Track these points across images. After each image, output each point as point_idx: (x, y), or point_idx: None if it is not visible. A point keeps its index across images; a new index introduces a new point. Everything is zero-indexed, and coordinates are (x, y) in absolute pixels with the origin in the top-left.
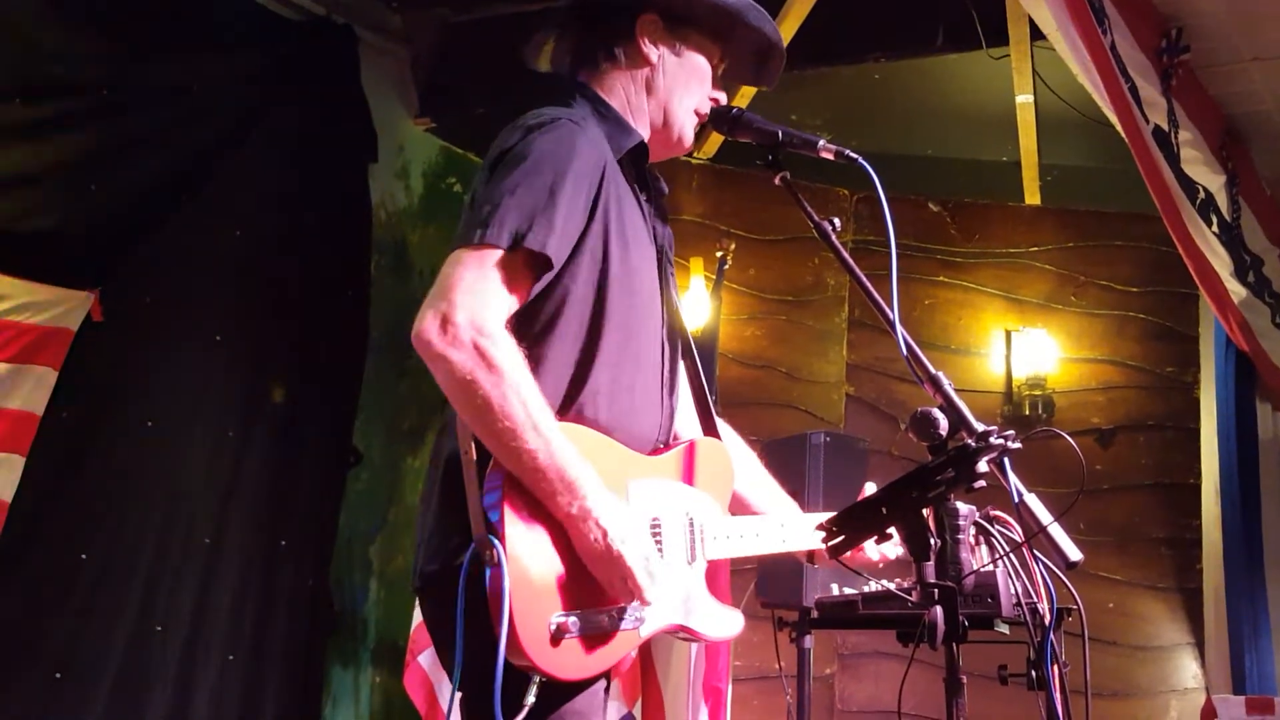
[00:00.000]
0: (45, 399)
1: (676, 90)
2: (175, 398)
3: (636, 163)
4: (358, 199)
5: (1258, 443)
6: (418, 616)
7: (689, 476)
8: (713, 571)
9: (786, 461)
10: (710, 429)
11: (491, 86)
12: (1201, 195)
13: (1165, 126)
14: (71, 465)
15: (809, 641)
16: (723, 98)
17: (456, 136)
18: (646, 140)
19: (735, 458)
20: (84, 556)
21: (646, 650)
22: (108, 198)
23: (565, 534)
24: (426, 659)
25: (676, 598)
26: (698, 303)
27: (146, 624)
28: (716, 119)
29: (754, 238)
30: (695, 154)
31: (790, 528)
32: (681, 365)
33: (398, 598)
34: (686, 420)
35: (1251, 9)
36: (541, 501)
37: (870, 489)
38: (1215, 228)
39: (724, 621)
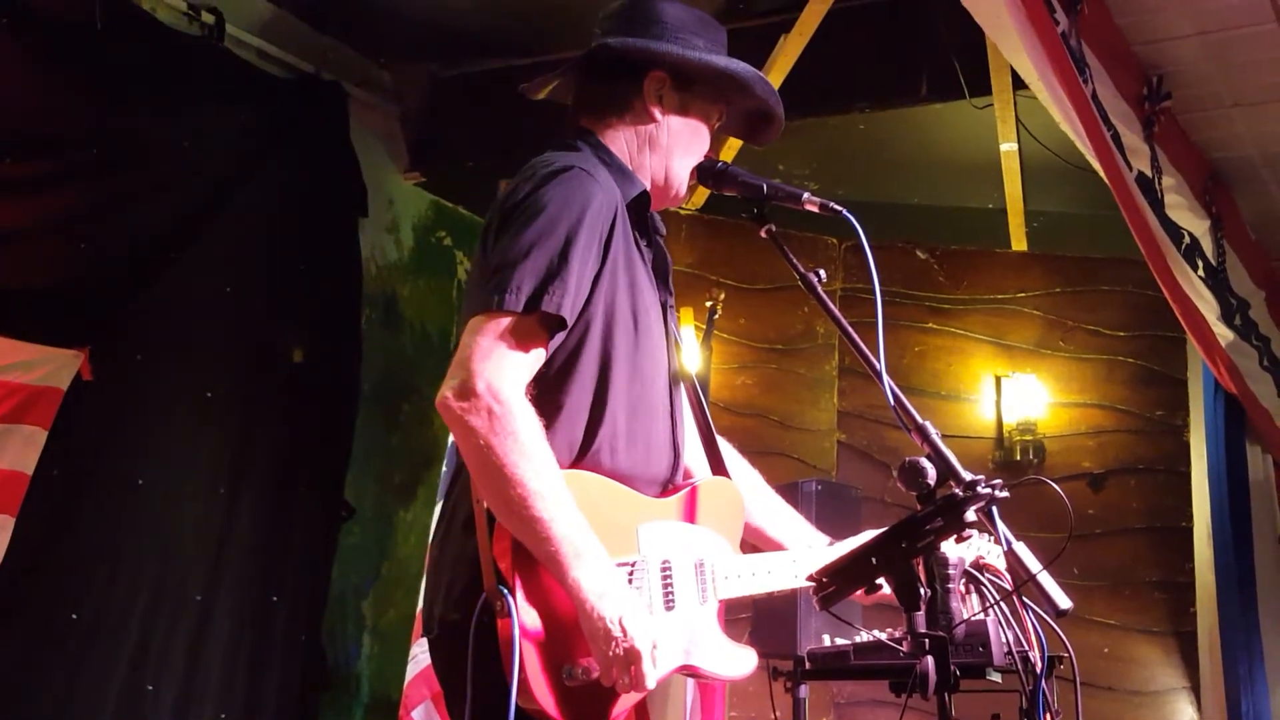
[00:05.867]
0: (35, 458)
1: (678, 149)
2: (165, 455)
3: (639, 211)
4: (348, 253)
5: (1248, 485)
6: (411, 671)
7: (699, 517)
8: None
9: None
10: (719, 468)
11: (480, 140)
12: (1186, 240)
13: (1149, 173)
14: (62, 524)
15: (804, 691)
16: (715, 157)
17: (446, 190)
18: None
19: (747, 491)
20: (75, 616)
21: (642, 700)
22: (97, 256)
23: None
24: (420, 714)
25: (687, 639)
26: (689, 352)
27: (138, 683)
28: (702, 173)
29: (744, 287)
30: (684, 205)
31: (803, 563)
32: (687, 406)
33: (391, 651)
34: (695, 460)
35: (1231, 56)
36: (547, 568)
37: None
38: (1201, 272)
39: (737, 660)
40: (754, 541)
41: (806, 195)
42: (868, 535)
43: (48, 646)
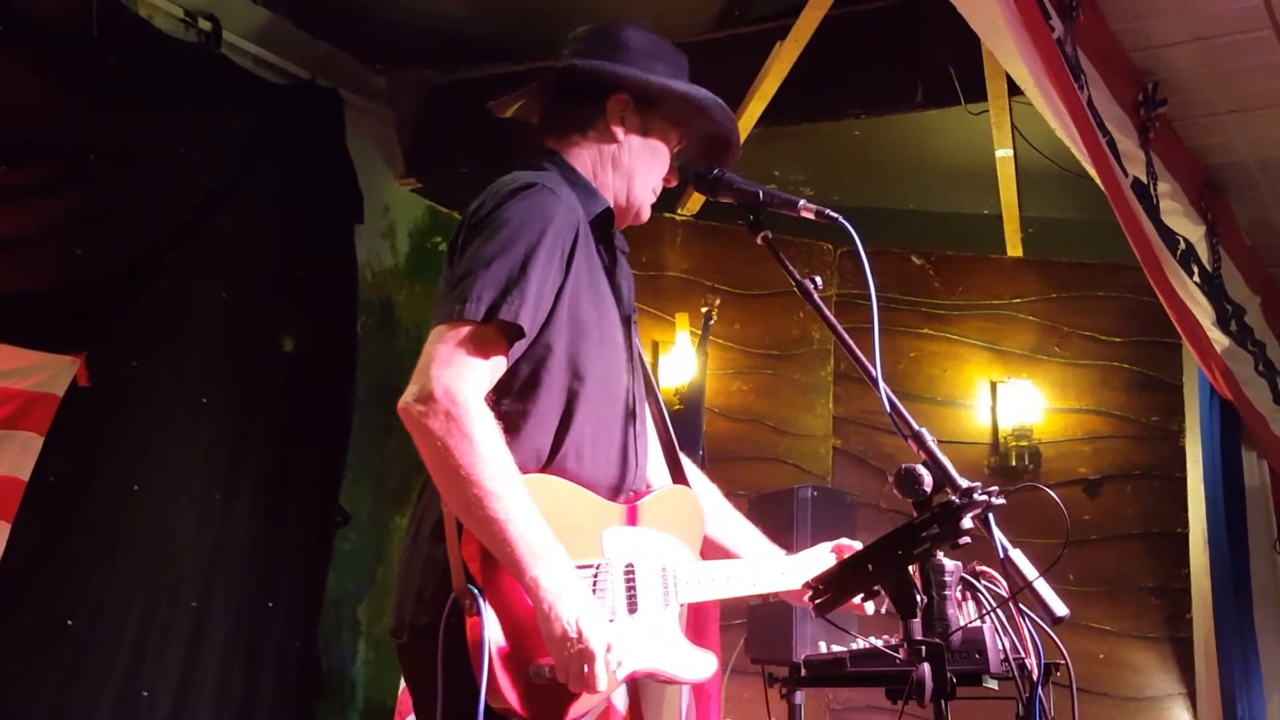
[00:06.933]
0: (31, 465)
1: (639, 169)
2: (162, 461)
3: (603, 228)
4: (344, 259)
5: (1244, 490)
6: None
7: (660, 523)
8: (693, 617)
9: (774, 516)
10: (679, 477)
11: (475, 146)
12: (1182, 246)
13: (1144, 179)
14: (58, 530)
15: (799, 697)
16: (675, 179)
17: (442, 196)
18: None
19: (706, 503)
20: (70, 622)
21: (637, 704)
22: (93, 262)
23: None
24: None
25: (650, 642)
26: (684, 358)
27: (133, 689)
28: (698, 180)
29: (739, 293)
30: (679, 210)
31: (760, 570)
32: (649, 416)
33: (386, 658)
34: (656, 469)
35: (1226, 63)
36: (506, 568)
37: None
38: (1196, 278)
39: (697, 663)
40: (710, 555)
41: (802, 202)
42: (824, 546)
43: (43, 652)
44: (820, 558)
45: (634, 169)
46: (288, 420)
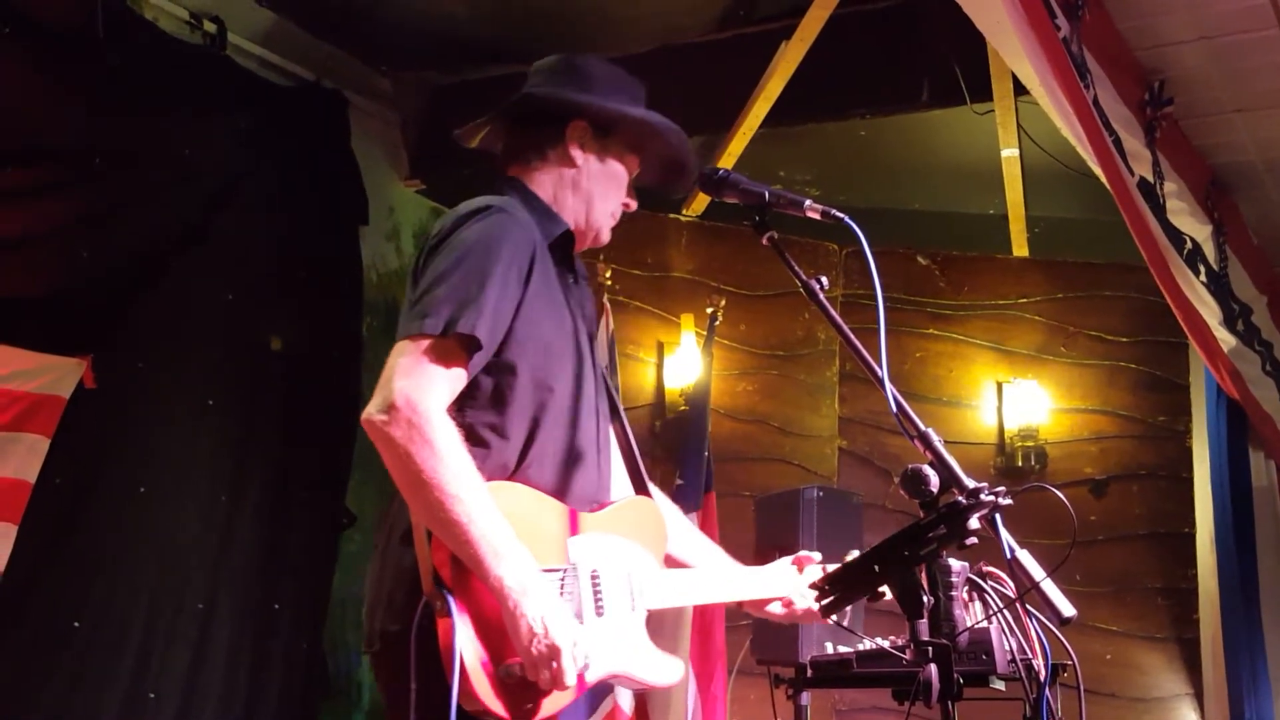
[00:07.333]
0: (37, 467)
1: (597, 193)
2: (167, 463)
3: (564, 249)
4: (349, 261)
5: (1251, 490)
6: None
7: (625, 531)
8: (698, 619)
9: (779, 516)
10: (641, 488)
11: (480, 147)
12: (1188, 245)
13: (1150, 178)
14: (64, 533)
15: (806, 698)
16: (634, 204)
17: (446, 197)
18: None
19: (667, 517)
20: (76, 624)
21: (643, 706)
22: (99, 264)
23: None
24: None
25: (618, 646)
26: (689, 359)
27: (139, 691)
28: (703, 181)
29: (744, 293)
30: (685, 211)
31: (723, 580)
32: (611, 429)
33: None
34: (619, 480)
35: (1233, 61)
36: (471, 569)
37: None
38: (1203, 277)
39: (664, 668)
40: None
41: (808, 202)
42: (785, 561)
43: (49, 654)
44: (781, 571)
45: (592, 192)
46: (293, 422)
